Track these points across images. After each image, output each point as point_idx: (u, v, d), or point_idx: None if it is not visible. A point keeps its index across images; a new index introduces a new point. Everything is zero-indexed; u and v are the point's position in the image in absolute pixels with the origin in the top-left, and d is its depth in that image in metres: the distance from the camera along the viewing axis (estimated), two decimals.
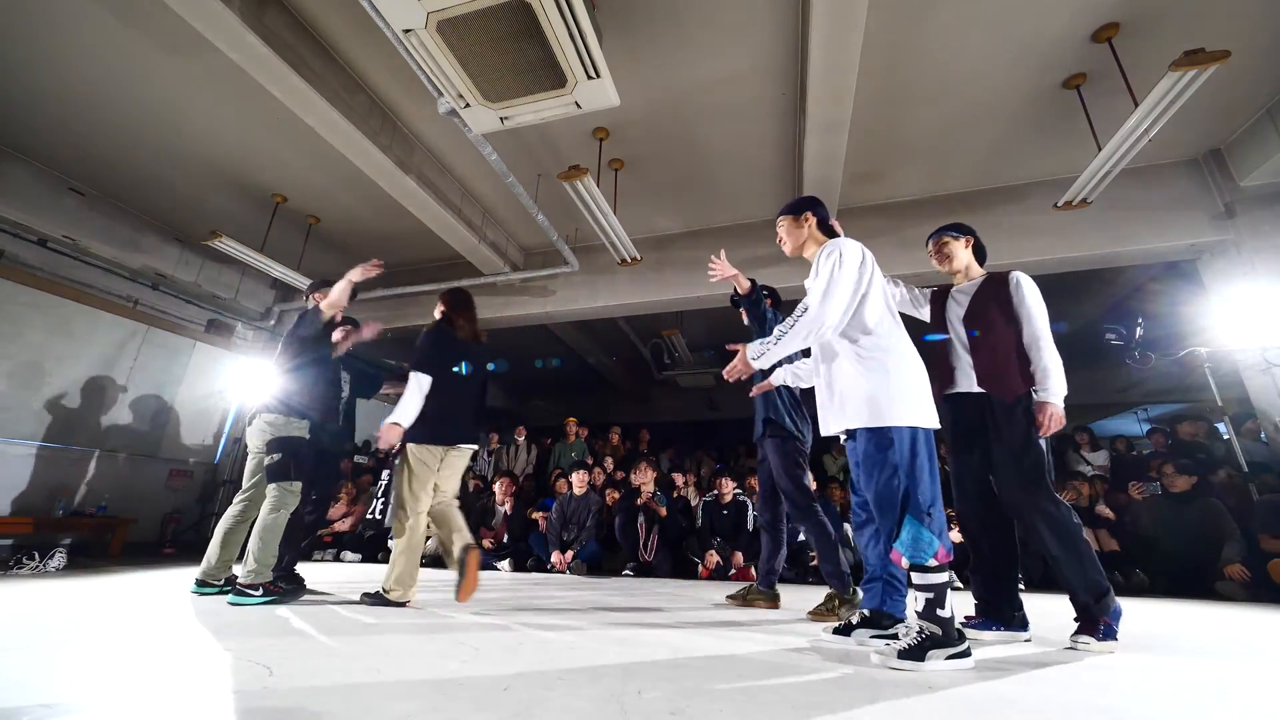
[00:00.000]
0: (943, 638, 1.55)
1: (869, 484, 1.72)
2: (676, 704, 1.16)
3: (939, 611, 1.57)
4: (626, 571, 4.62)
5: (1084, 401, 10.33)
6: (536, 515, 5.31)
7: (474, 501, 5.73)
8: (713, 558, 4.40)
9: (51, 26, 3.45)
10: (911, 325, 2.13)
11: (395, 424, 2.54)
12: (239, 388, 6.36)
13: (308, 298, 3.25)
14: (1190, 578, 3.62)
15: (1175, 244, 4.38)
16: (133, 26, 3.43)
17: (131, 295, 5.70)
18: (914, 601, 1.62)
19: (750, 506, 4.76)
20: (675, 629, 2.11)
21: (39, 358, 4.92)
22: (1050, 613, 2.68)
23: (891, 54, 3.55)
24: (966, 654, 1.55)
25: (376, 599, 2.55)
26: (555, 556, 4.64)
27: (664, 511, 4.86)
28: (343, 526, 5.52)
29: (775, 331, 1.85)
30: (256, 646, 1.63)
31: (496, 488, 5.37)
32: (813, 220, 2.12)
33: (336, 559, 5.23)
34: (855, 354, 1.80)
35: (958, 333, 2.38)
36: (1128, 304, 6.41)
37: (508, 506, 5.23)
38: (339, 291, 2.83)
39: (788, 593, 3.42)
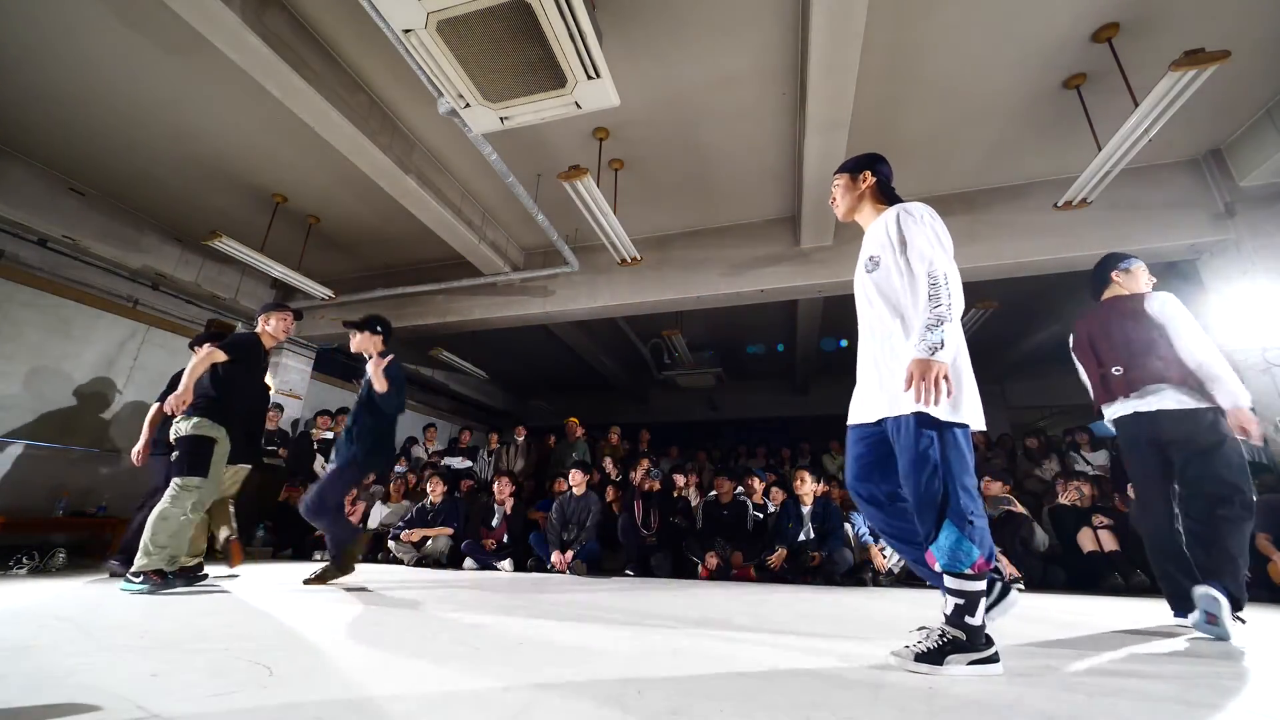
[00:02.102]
0: (966, 643, 1.44)
1: (910, 480, 1.54)
2: (677, 704, 1.16)
3: (968, 619, 1.45)
4: (627, 571, 4.62)
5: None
6: (536, 515, 5.30)
7: (473, 501, 5.74)
8: (713, 558, 4.40)
9: (51, 26, 3.45)
10: None
11: None
12: None
13: (255, 320, 3.40)
14: None
15: (1175, 244, 4.38)
16: (133, 26, 3.43)
17: (131, 295, 5.70)
18: (944, 604, 1.50)
19: (750, 506, 4.76)
20: (675, 629, 2.11)
21: (39, 358, 4.92)
22: (1050, 611, 2.69)
23: (891, 54, 3.55)
24: (993, 660, 1.44)
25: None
26: (555, 556, 4.63)
27: (657, 485, 4.91)
28: None
29: (926, 319, 1.52)
30: (257, 646, 1.63)
31: (496, 488, 5.37)
32: (871, 180, 1.88)
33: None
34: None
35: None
36: None
37: (507, 506, 5.23)
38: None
39: (788, 592, 3.42)
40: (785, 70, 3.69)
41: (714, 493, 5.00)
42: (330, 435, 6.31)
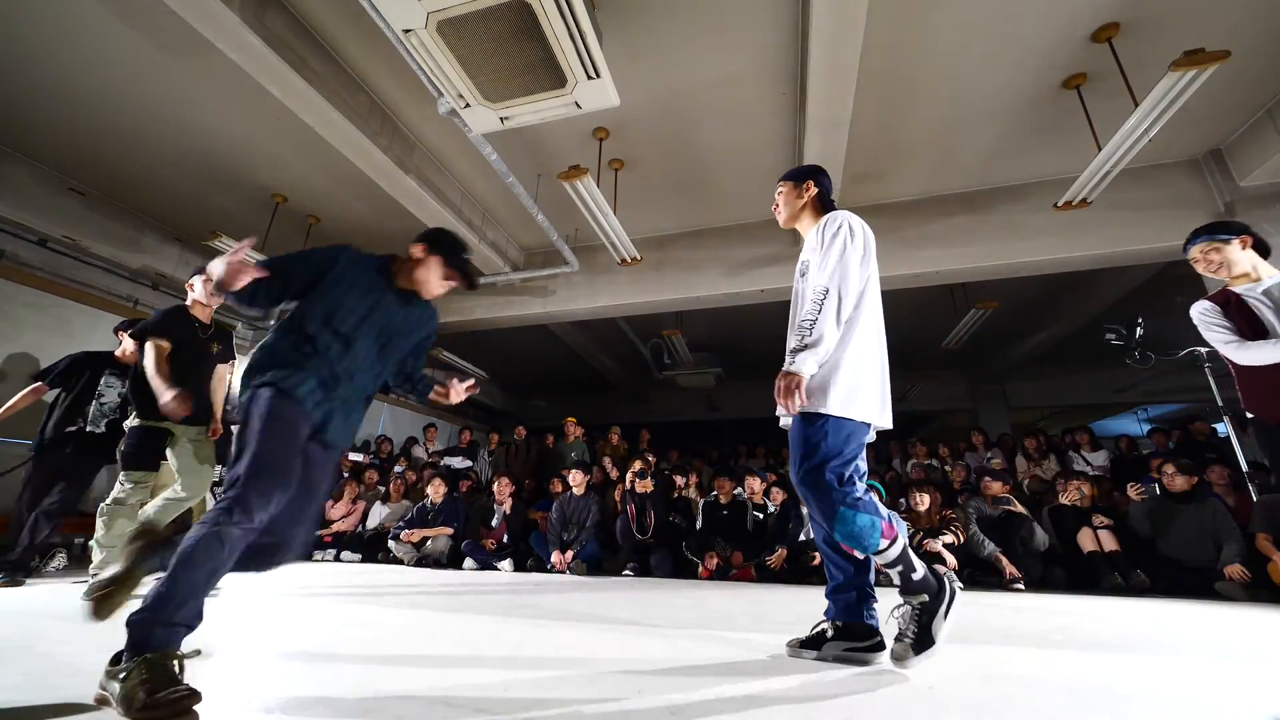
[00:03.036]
0: (932, 602, 1.49)
1: (797, 477, 1.63)
2: (676, 704, 1.16)
3: (914, 576, 1.51)
4: (626, 572, 4.62)
5: (1084, 401, 10.37)
6: (536, 515, 5.30)
7: (473, 501, 5.74)
8: (713, 558, 4.40)
9: (52, 26, 3.45)
10: None
11: None
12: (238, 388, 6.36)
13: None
14: (1190, 578, 3.62)
15: (1175, 244, 4.37)
16: (133, 26, 3.43)
17: (131, 295, 5.70)
18: (894, 581, 1.55)
19: (750, 506, 4.76)
20: (676, 629, 2.11)
21: (39, 358, 4.92)
22: (1052, 611, 2.69)
23: (892, 54, 3.55)
24: (952, 594, 1.52)
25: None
26: (555, 556, 4.63)
27: (649, 486, 4.89)
28: (343, 526, 5.52)
29: (799, 328, 1.61)
30: (256, 647, 1.63)
31: (496, 488, 5.37)
32: (814, 191, 1.94)
33: (336, 559, 5.23)
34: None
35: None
36: (1128, 304, 6.41)
37: (507, 506, 5.23)
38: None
39: (788, 592, 3.42)
40: (785, 70, 3.69)
41: (714, 493, 5.00)
42: None
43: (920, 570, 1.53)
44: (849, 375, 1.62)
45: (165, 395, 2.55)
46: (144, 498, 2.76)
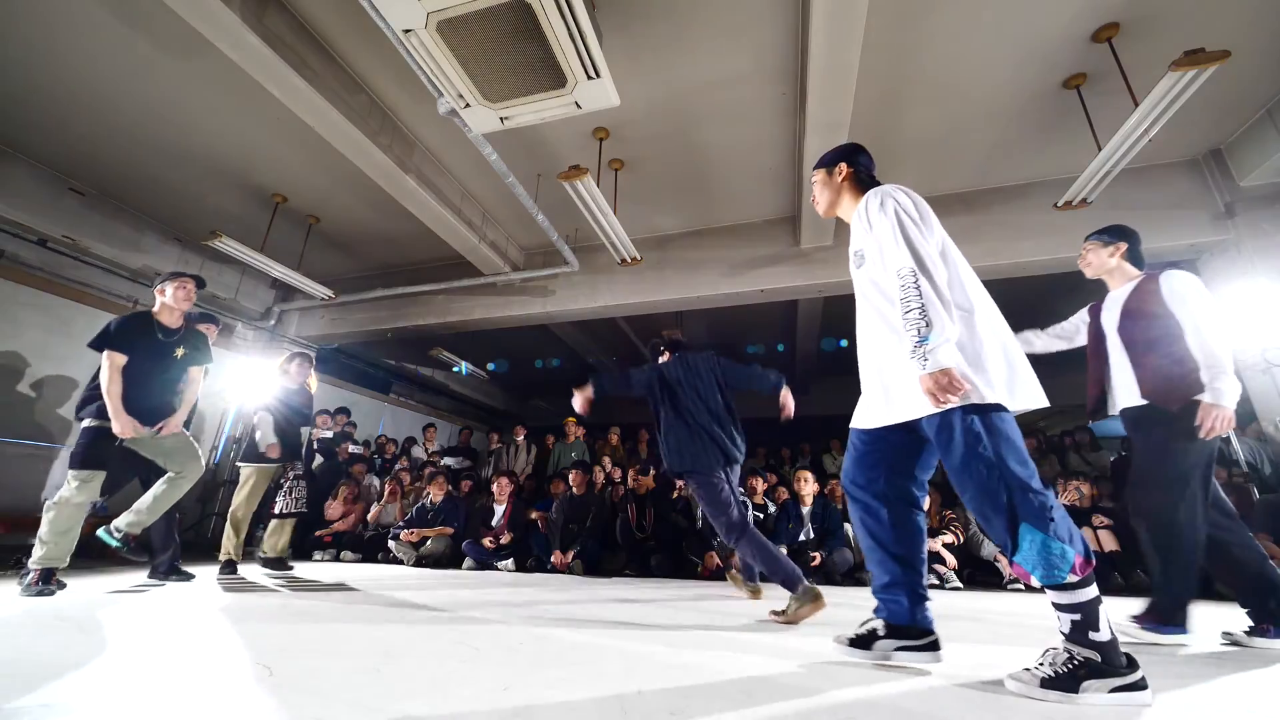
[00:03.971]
0: (1102, 665, 1.22)
1: (966, 485, 1.41)
2: (676, 704, 1.16)
3: (1093, 635, 1.23)
4: (626, 571, 4.62)
5: (1084, 401, 10.35)
6: (536, 515, 5.30)
7: (473, 501, 5.74)
8: (713, 558, 4.40)
9: (51, 26, 3.45)
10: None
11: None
12: (238, 388, 6.36)
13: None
14: None
15: (1175, 244, 4.38)
16: (133, 26, 3.43)
17: (131, 295, 5.70)
18: (1058, 623, 1.31)
19: (750, 506, 4.76)
20: (675, 629, 2.11)
21: (39, 358, 4.92)
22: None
23: (892, 54, 3.55)
24: (1140, 686, 1.21)
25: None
26: (555, 556, 4.64)
27: (650, 483, 4.89)
28: (343, 526, 5.52)
29: (905, 329, 1.40)
30: (257, 647, 1.63)
31: (495, 488, 5.37)
32: (848, 171, 1.76)
33: (336, 559, 5.23)
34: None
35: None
36: None
37: (507, 506, 5.23)
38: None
39: (785, 592, 3.41)
40: (785, 70, 3.69)
41: None
42: (330, 434, 6.30)
43: (1107, 636, 1.24)
44: (995, 354, 1.44)
45: (116, 418, 2.72)
46: (90, 497, 2.76)
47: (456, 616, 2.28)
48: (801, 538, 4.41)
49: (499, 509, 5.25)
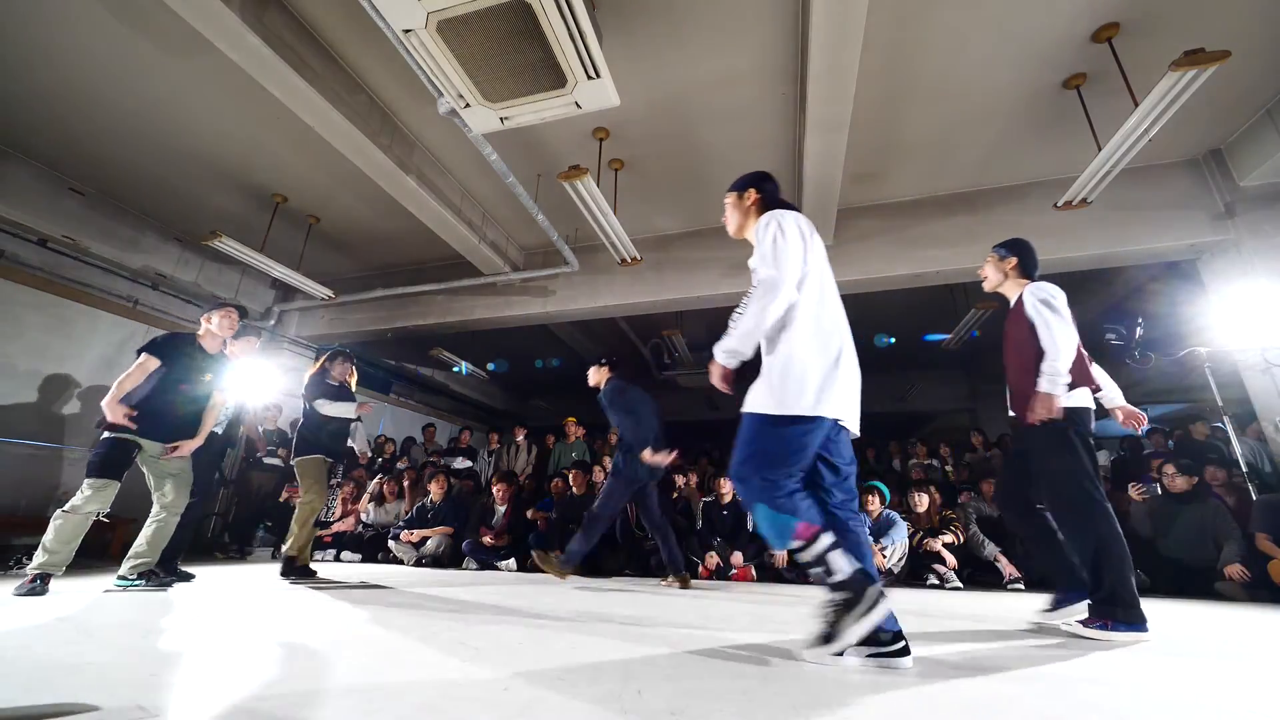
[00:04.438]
0: (853, 599, 1.45)
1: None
2: (676, 704, 1.16)
3: (834, 578, 1.48)
4: (627, 571, 4.62)
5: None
6: (536, 515, 5.31)
7: (473, 501, 5.74)
8: (713, 558, 4.40)
9: (52, 26, 3.45)
10: None
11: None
12: (238, 388, 6.35)
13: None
14: (1190, 578, 3.62)
15: (1175, 244, 4.38)
16: (133, 26, 3.43)
17: (131, 295, 5.70)
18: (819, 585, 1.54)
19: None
20: (675, 629, 2.11)
21: (39, 358, 4.92)
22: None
23: (892, 54, 3.55)
24: (874, 605, 1.43)
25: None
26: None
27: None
28: (343, 527, 5.52)
29: (731, 320, 1.69)
30: (258, 646, 1.63)
31: (495, 488, 5.37)
32: (755, 197, 1.92)
33: (336, 559, 5.23)
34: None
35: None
36: (1128, 304, 6.40)
37: (507, 506, 5.23)
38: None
39: (788, 592, 3.42)
40: (785, 70, 3.69)
41: (714, 493, 4.99)
42: None
43: (842, 573, 1.49)
44: (782, 369, 1.63)
45: (108, 405, 2.74)
46: (101, 507, 2.77)
47: (456, 616, 2.28)
48: None
49: (499, 509, 5.25)
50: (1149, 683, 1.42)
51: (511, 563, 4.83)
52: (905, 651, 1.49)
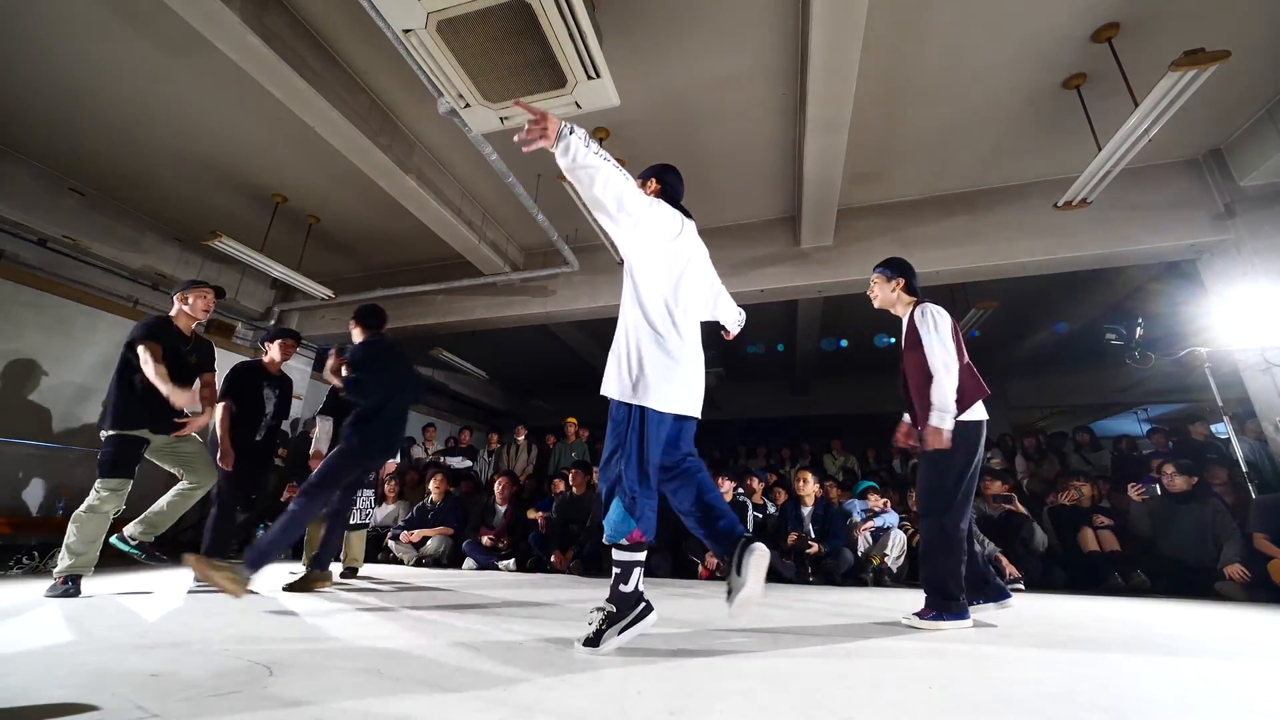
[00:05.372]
0: (617, 614, 1.61)
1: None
2: (676, 704, 1.16)
3: (621, 588, 1.62)
4: None
5: (1084, 401, 10.37)
6: (536, 515, 5.31)
7: (473, 501, 5.74)
8: (712, 558, 4.40)
9: (51, 26, 3.45)
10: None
11: None
12: (294, 398, 6.33)
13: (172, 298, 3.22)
14: (1190, 578, 3.62)
15: (1175, 244, 4.38)
16: (133, 26, 3.43)
17: (131, 295, 5.70)
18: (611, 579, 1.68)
19: (750, 507, 4.76)
20: (675, 629, 2.11)
21: (39, 358, 4.92)
22: (1052, 611, 2.69)
23: (892, 54, 3.55)
24: (644, 614, 1.63)
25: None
26: (555, 556, 4.64)
27: None
28: None
29: None
30: (256, 646, 1.63)
31: (495, 488, 5.37)
32: (655, 186, 2.15)
33: (336, 559, 5.22)
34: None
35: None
36: (1128, 304, 6.41)
37: (507, 506, 5.23)
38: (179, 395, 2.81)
39: (788, 592, 3.41)
40: (785, 70, 3.69)
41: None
42: None
43: (631, 587, 1.63)
44: (658, 364, 1.77)
45: (176, 394, 2.74)
46: (118, 506, 2.78)
47: (455, 616, 2.28)
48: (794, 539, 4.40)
49: (499, 509, 5.25)
50: (1149, 683, 1.42)
51: (511, 563, 4.83)
52: (648, 610, 1.68)
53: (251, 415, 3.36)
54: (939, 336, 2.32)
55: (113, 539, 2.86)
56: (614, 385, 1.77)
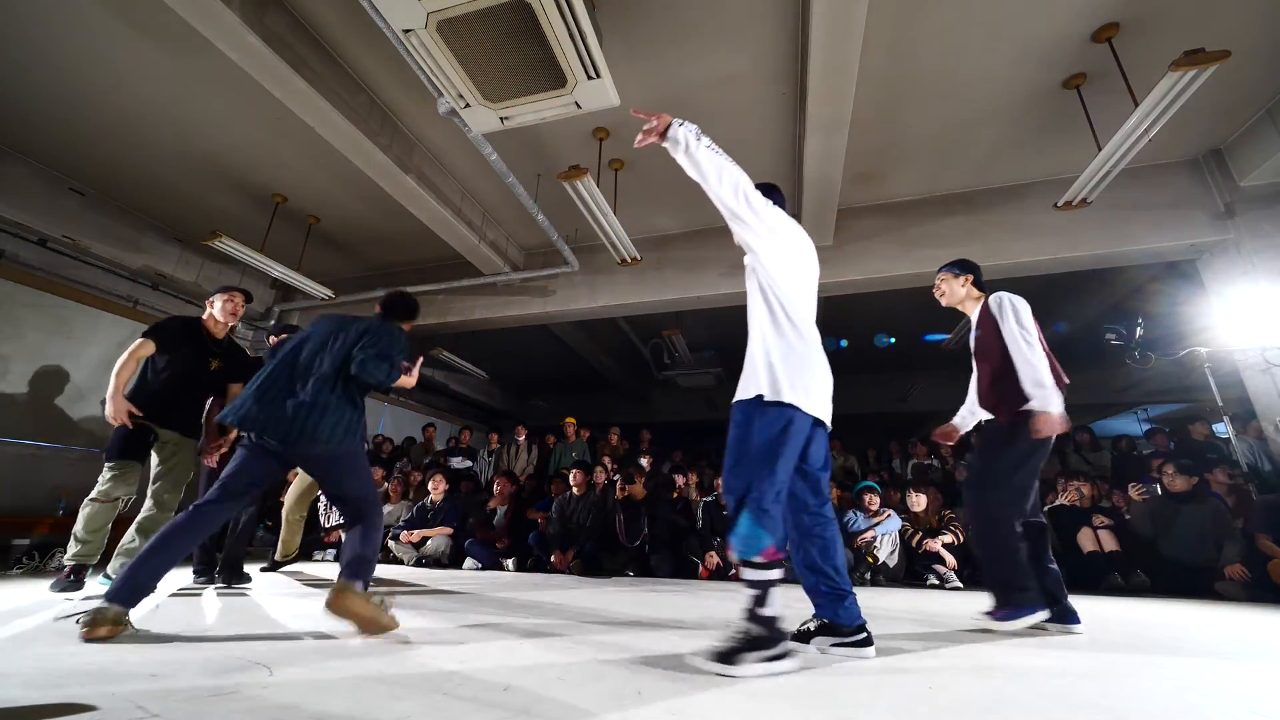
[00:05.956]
0: (762, 639, 1.46)
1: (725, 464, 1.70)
2: (676, 704, 1.16)
3: (760, 610, 1.48)
4: (628, 572, 4.61)
5: (1084, 401, 10.33)
6: (536, 515, 5.30)
7: (473, 501, 5.74)
8: (713, 558, 4.40)
9: (51, 26, 3.45)
10: None
11: None
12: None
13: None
14: (1190, 578, 3.62)
15: (1175, 244, 4.38)
16: (133, 26, 3.43)
17: (131, 295, 5.70)
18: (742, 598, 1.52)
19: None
20: (675, 629, 2.11)
21: (39, 358, 4.92)
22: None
23: (891, 54, 3.55)
24: (781, 656, 1.46)
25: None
26: (555, 556, 4.64)
27: (639, 491, 4.86)
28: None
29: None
30: (256, 646, 1.63)
31: (496, 488, 5.36)
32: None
33: (336, 559, 5.22)
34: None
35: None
36: (1128, 304, 6.41)
37: (507, 506, 5.23)
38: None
39: (788, 592, 3.40)
40: (785, 70, 3.69)
41: (715, 493, 4.99)
42: None
43: (772, 612, 1.49)
44: (797, 365, 1.70)
45: (111, 399, 2.66)
46: (127, 492, 2.74)
47: (456, 616, 2.28)
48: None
49: (500, 509, 5.25)
50: (1149, 683, 1.42)
51: (511, 563, 4.82)
52: (868, 642, 1.64)
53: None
54: (1021, 322, 2.30)
55: (100, 578, 2.77)
56: (751, 385, 1.66)
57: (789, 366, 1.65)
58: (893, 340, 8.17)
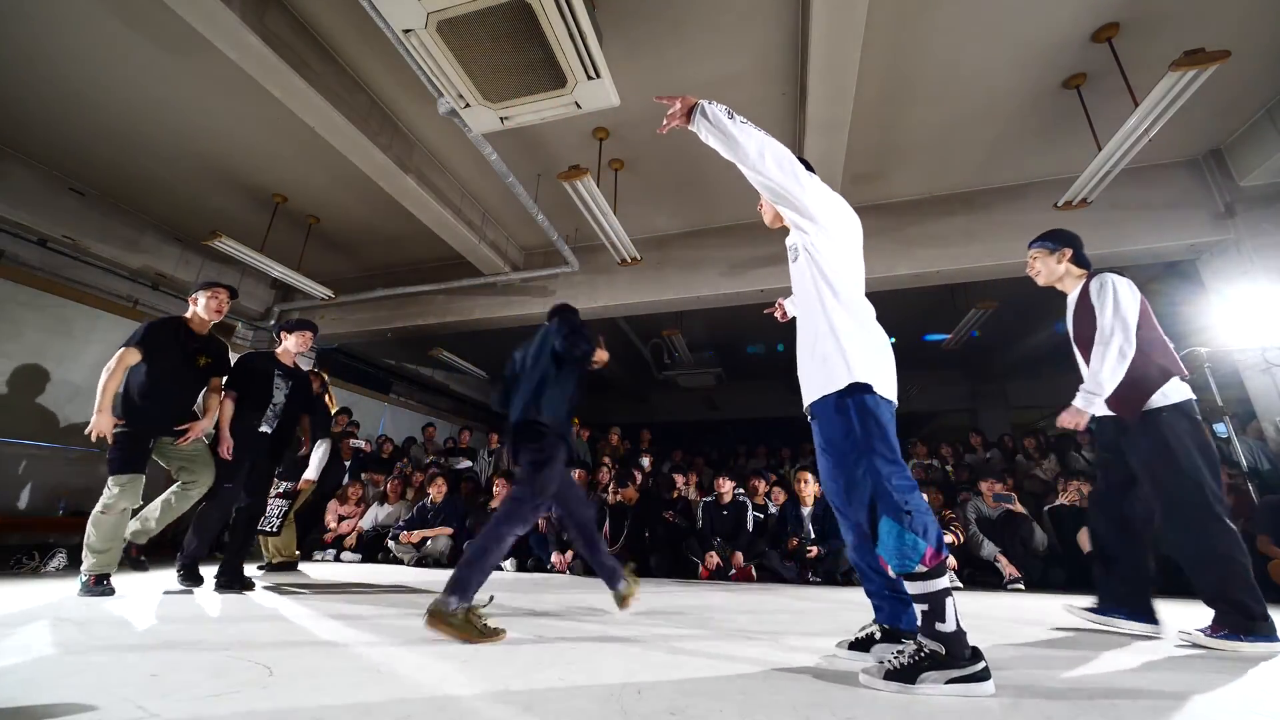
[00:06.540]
0: (945, 657, 1.27)
1: (834, 468, 1.53)
2: (676, 704, 1.16)
3: (939, 626, 1.28)
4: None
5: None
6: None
7: (474, 501, 5.74)
8: (713, 558, 4.40)
9: (51, 26, 3.45)
10: None
11: None
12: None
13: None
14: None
15: (1175, 244, 4.38)
16: (133, 26, 3.43)
17: (131, 295, 5.70)
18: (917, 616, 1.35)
19: (750, 507, 4.75)
20: (675, 629, 2.11)
21: (39, 358, 4.92)
22: (1052, 611, 2.68)
23: (891, 54, 3.55)
24: (980, 677, 1.25)
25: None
26: (555, 557, 4.63)
27: (632, 495, 4.85)
28: (343, 529, 5.51)
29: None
30: (257, 647, 1.63)
31: (496, 488, 5.36)
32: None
33: (336, 559, 5.23)
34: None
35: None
36: None
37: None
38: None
39: (788, 592, 3.42)
40: (785, 70, 3.69)
41: (715, 493, 4.99)
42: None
43: (951, 625, 1.28)
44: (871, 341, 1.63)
45: (98, 412, 2.76)
46: (133, 503, 2.77)
47: None
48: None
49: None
50: (1150, 683, 1.42)
51: (510, 563, 4.82)
52: (985, 675, 1.26)
53: (257, 404, 3.18)
54: (1117, 309, 2.05)
55: (84, 546, 2.80)
56: (836, 373, 1.48)
57: (867, 346, 1.53)
58: (893, 340, 8.15)
